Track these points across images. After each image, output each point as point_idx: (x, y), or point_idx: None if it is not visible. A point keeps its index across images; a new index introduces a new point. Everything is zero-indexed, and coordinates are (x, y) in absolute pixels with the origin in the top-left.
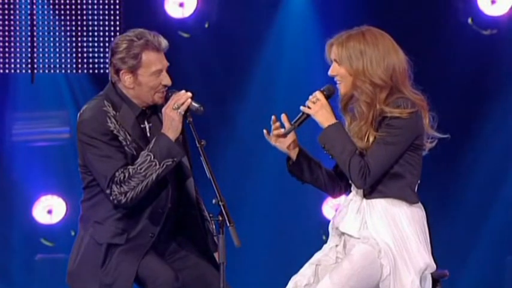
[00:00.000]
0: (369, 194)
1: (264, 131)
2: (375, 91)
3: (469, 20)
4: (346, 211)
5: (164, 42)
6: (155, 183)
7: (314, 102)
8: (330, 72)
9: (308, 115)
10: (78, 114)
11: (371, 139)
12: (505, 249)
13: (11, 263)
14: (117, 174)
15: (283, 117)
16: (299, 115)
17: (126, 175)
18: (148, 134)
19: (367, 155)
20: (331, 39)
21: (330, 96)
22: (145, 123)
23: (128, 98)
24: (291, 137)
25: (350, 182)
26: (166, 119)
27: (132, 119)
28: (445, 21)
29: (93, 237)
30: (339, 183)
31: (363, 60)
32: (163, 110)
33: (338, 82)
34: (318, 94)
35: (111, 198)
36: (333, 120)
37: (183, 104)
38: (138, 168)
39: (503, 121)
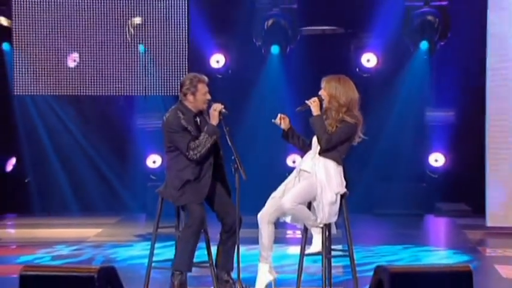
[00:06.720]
0: (320, 153)
1: (273, 120)
2: (340, 107)
3: (357, 69)
4: (306, 159)
5: (207, 79)
6: (209, 149)
7: (314, 101)
8: (320, 93)
9: (309, 106)
10: (164, 118)
11: (334, 128)
12: (376, 176)
13: (134, 189)
14: (190, 144)
15: (280, 116)
16: (304, 104)
17: (195, 145)
18: (199, 124)
19: (331, 134)
20: (325, 77)
21: (320, 102)
22: (197, 118)
23: (189, 108)
24: (288, 123)
25: (317, 144)
26: (211, 115)
27: (191, 118)
28: (346, 69)
29: (178, 175)
30: (305, 147)
31: (335, 91)
32: (210, 111)
33: (323, 99)
34: (316, 98)
35: (189, 157)
36: (319, 113)
37: (219, 108)
38: (201, 140)
39: (371, 124)
